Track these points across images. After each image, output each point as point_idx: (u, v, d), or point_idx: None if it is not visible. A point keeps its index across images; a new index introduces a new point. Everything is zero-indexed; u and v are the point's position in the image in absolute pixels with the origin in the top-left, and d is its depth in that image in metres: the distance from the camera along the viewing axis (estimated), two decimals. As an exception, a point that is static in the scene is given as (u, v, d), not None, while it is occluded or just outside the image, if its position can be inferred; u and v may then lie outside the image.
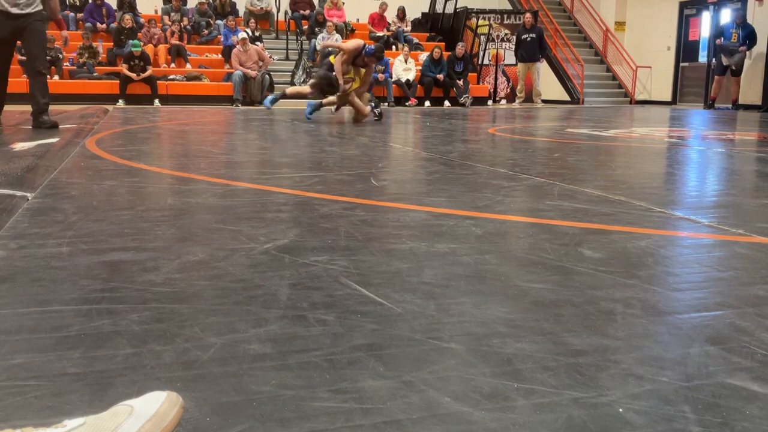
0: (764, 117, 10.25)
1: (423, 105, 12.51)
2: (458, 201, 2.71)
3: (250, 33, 12.68)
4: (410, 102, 12.52)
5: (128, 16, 12.31)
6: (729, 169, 4.17)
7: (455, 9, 14.62)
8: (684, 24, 15.39)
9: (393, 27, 14.56)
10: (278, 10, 14.03)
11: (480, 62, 14.30)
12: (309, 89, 8.10)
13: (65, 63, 11.60)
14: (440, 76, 12.63)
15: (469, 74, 13.26)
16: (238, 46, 11.67)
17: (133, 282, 1.60)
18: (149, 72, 11.35)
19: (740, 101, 12.84)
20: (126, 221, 2.28)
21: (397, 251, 1.90)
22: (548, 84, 14.49)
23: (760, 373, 1.13)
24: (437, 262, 1.79)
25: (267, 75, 11.80)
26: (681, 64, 15.49)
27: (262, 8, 14.13)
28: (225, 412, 0.99)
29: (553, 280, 1.64)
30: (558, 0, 17.10)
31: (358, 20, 14.75)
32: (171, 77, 11.88)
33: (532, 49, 12.92)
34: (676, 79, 15.55)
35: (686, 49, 15.39)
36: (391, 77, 12.64)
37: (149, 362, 1.16)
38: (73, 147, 4.49)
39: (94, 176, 3.31)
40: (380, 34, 13.85)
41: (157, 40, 12.55)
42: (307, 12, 14.09)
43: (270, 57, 12.38)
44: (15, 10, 5.34)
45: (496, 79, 14.44)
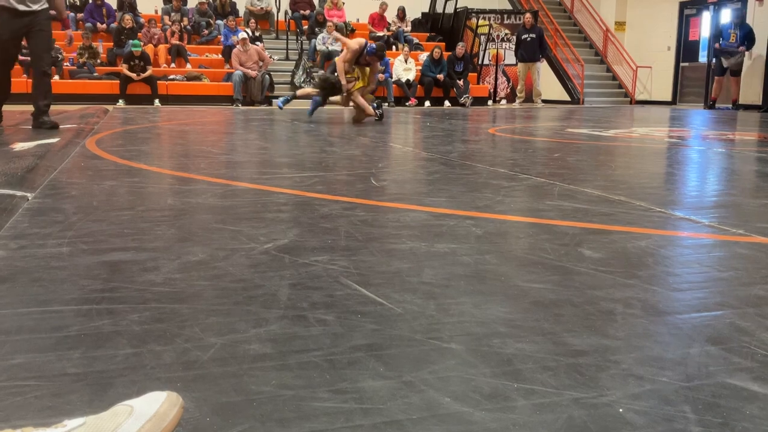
0: (764, 117, 10.25)
1: (423, 105, 12.51)
2: (458, 201, 2.71)
3: (250, 33, 12.69)
4: (410, 102, 12.53)
5: (128, 16, 12.31)
6: (729, 169, 4.16)
7: (455, 9, 14.62)
8: (684, 24, 15.40)
9: (393, 27, 14.56)
10: (278, 10, 14.04)
11: (480, 62, 14.31)
12: (316, 91, 8.16)
13: (65, 63, 11.60)
14: (440, 76, 12.64)
15: (469, 74, 13.26)
16: (238, 46, 11.68)
17: (133, 282, 1.60)
18: (149, 72, 11.36)
19: (740, 101, 12.84)
20: (126, 221, 2.28)
21: (397, 251, 1.90)
22: (548, 84, 14.49)
23: (761, 373, 1.13)
24: (437, 262, 1.79)
25: (267, 75, 11.81)
26: (681, 64, 15.50)
27: (262, 8, 14.13)
28: (225, 413, 0.99)
29: (553, 280, 1.64)
30: (558, 0, 17.10)
31: (358, 20, 14.75)
32: (171, 77, 11.88)
33: (532, 49, 12.93)
34: (676, 79, 15.55)
35: (686, 49, 15.40)
36: (392, 77, 12.64)
37: (149, 362, 1.16)
38: (74, 147, 4.49)
39: (94, 176, 3.31)
40: (380, 34, 13.85)
41: (158, 40, 12.55)
42: (307, 12, 14.09)
43: (270, 57, 12.38)
44: (22, 7, 5.33)
45: (496, 79, 14.45)
